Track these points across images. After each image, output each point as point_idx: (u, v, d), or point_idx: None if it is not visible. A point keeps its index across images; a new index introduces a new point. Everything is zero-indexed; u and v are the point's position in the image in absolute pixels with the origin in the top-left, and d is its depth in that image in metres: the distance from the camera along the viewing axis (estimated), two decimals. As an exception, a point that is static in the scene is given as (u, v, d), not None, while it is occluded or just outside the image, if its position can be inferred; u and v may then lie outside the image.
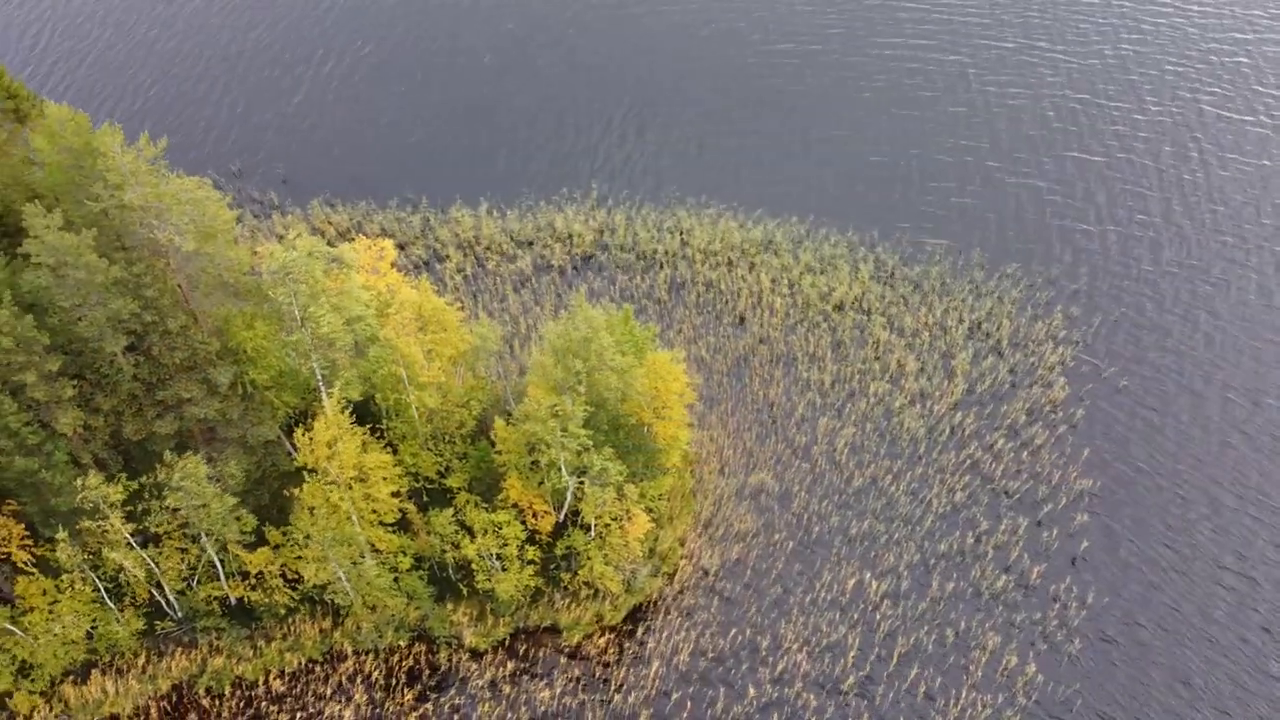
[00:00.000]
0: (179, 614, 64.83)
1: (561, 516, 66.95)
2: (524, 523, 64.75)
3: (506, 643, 64.89)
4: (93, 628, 62.37)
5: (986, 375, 77.03)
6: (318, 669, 64.08)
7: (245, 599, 64.63)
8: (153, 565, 61.23)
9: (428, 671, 64.01)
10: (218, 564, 63.21)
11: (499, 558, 63.43)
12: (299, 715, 62.44)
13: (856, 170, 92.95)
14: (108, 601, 62.40)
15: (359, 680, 63.62)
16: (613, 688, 63.07)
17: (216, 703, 63.09)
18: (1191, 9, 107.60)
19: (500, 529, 62.55)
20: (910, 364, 77.83)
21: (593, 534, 64.80)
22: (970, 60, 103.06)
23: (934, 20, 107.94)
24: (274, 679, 63.64)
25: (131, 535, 59.68)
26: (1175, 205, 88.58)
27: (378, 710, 62.45)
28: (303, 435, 58.56)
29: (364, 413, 66.15)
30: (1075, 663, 62.84)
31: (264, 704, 62.92)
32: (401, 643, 64.77)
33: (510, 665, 64.02)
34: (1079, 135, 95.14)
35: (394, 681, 63.63)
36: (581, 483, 62.47)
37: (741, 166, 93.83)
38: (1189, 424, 74.03)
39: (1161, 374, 77.01)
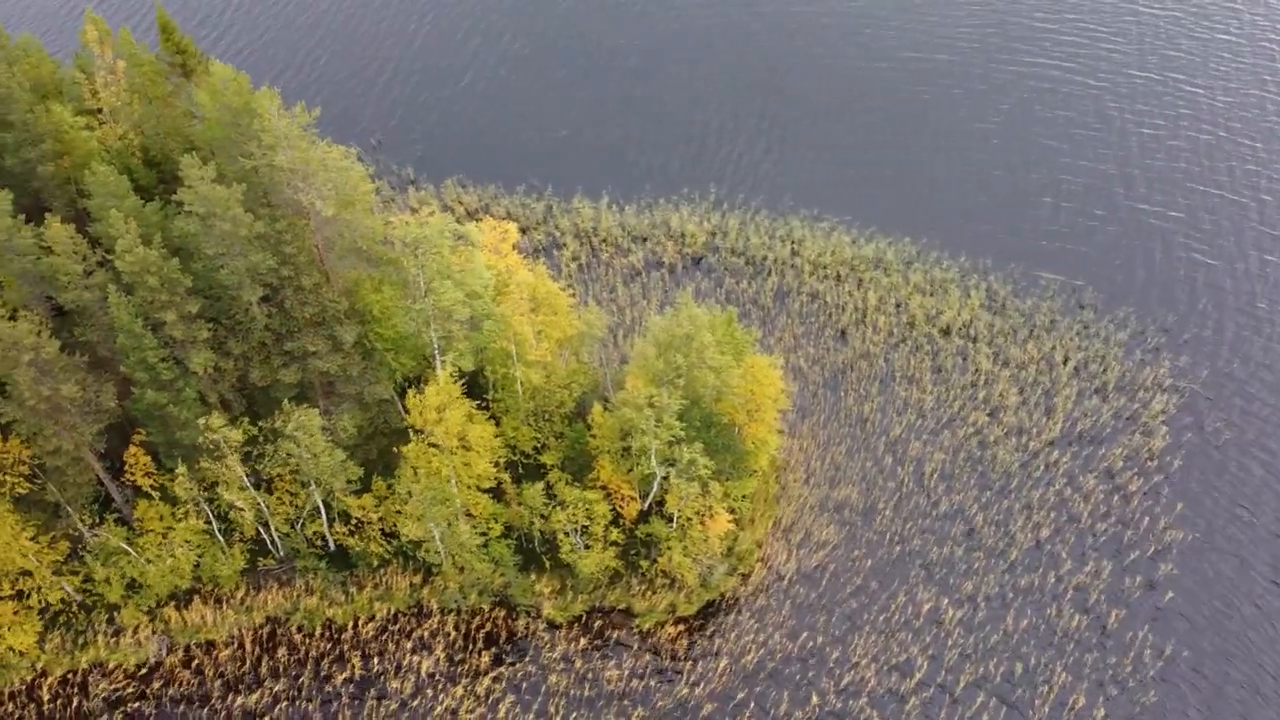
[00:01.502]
0: (280, 553, 68.69)
1: (646, 505, 68.88)
2: (611, 506, 66.87)
3: (583, 619, 67.10)
4: (199, 558, 66.54)
5: (1087, 416, 76.32)
6: (403, 621, 67.27)
7: (344, 545, 68.11)
8: (263, 507, 65.11)
9: (504, 636, 66.62)
10: (322, 510, 66.87)
11: (584, 533, 65.68)
12: (381, 662, 65.71)
13: (977, 194, 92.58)
14: (216, 535, 66.53)
15: (440, 637, 66.58)
16: (680, 677, 64.77)
17: (306, 640, 66.69)
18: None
19: (589, 506, 64.82)
20: (1011, 397, 77.56)
21: (675, 525, 66.57)
22: (1105, 87, 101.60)
23: (1071, 42, 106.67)
24: (363, 624, 67.04)
25: (246, 476, 63.57)
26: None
27: (454, 668, 65.29)
28: (414, 397, 61.67)
29: (473, 384, 69.12)
30: (1148, 712, 62.18)
31: (349, 647, 66.30)
32: (484, 606, 67.50)
33: (583, 641, 66.23)
34: (1211, 174, 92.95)
35: (472, 643, 66.39)
36: (669, 474, 64.30)
37: (859, 181, 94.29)
38: (1293, 488, 72.31)
39: (1266, 433, 75.16)
